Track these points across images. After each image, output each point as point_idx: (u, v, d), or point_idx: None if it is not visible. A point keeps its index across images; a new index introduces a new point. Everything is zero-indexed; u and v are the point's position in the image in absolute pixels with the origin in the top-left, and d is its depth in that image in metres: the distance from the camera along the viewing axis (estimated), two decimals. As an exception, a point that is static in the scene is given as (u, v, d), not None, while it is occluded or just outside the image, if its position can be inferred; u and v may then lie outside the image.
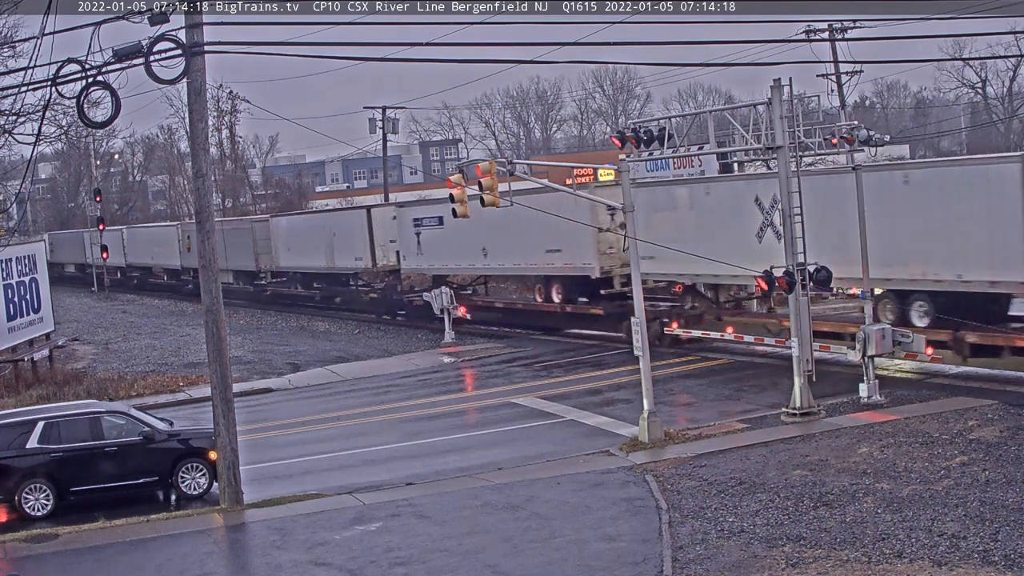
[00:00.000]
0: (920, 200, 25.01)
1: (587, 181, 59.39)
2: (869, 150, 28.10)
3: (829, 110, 49.99)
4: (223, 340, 20.34)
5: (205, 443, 21.16)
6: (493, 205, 22.90)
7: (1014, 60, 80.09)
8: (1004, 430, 20.40)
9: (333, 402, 30.74)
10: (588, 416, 25.58)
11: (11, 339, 34.49)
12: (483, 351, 37.19)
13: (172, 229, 67.58)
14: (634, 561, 15.29)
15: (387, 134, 65.01)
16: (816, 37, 52.31)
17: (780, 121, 23.15)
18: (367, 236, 46.66)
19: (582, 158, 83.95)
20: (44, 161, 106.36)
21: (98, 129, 39.23)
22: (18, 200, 52.02)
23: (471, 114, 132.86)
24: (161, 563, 17.02)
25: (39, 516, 20.35)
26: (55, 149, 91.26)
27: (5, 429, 20.78)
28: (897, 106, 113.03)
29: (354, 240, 47.48)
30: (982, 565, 13.96)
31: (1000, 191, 23.44)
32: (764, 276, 23.30)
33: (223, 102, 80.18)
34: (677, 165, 43.30)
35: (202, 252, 20.35)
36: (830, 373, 26.50)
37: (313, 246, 50.61)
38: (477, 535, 17.13)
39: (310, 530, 17.99)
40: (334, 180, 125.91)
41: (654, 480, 19.36)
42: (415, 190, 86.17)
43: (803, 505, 17.03)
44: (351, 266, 48.19)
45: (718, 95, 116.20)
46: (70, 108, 29.05)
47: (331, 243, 49.35)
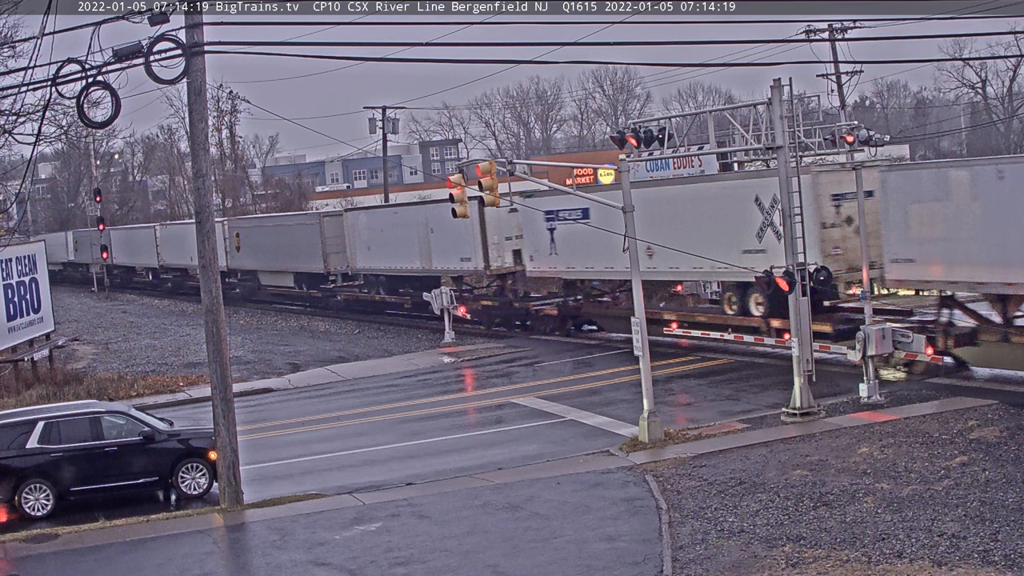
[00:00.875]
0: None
1: (587, 181, 59.44)
2: (869, 150, 28.09)
3: (829, 110, 50.01)
4: (223, 340, 20.33)
5: (205, 443, 21.15)
6: (493, 205, 22.92)
7: (1014, 60, 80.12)
8: (1004, 430, 20.41)
9: (333, 402, 30.74)
10: (588, 416, 25.57)
11: (11, 339, 34.48)
12: (483, 351, 37.18)
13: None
14: (634, 561, 15.30)
15: (387, 134, 65.00)
16: (816, 37, 52.32)
17: (780, 121, 23.16)
18: (478, 232, 39.93)
19: (582, 158, 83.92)
20: (44, 161, 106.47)
21: (98, 129, 39.15)
22: (18, 200, 51.96)
23: (471, 114, 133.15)
24: (161, 563, 17.02)
25: (39, 516, 20.34)
26: (55, 149, 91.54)
27: (5, 429, 20.77)
28: (897, 106, 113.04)
29: (460, 237, 40.57)
30: (982, 565, 13.96)
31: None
32: (764, 276, 23.32)
33: (223, 102, 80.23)
34: (677, 165, 43.33)
35: (202, 252, 20.35)
36: (830, 373, 26.52)
37: (402, 244, 44.54)
38: (477, 535, 17.13)
39: (310, 530, 17.99)
40: (334, 180, 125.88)
41: (654, 480, 19.36)
42: (415, 190, 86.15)
43: (803, 505, 17.03)
44: (456, 268, 42.23)
45: (718, 95, 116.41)
46: (70, 108, 29.12)
47: (427, 241, 43.32)
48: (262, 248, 55.71)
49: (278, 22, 21.22)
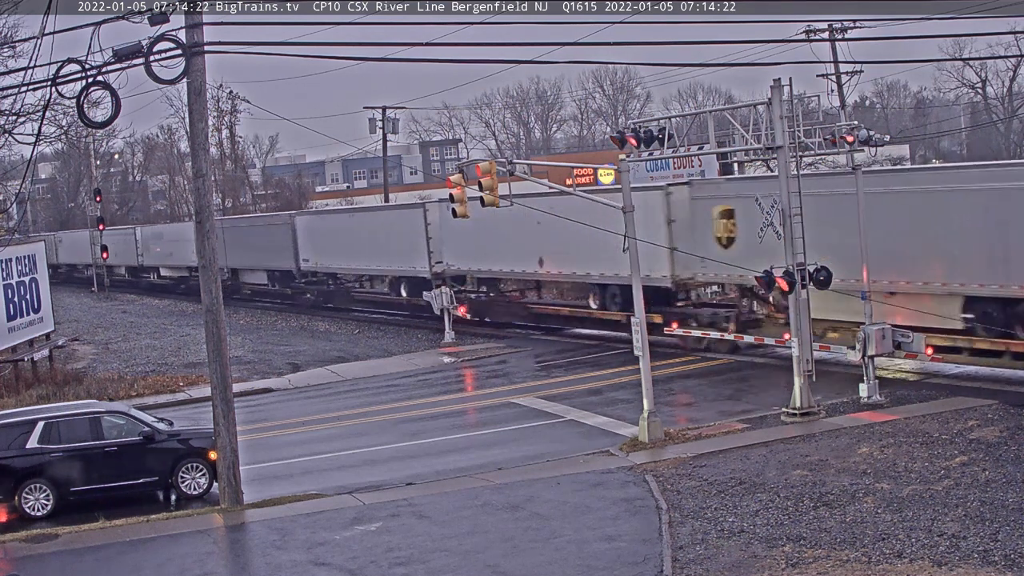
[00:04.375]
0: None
1: (587, 182, 59.47)
2: (869, 150, 28.09)
3: (829, 110, 49.95)
4: (223, 340, 20.33)
5: (205, 443, 21.16)
6: (493, 205, 22.93)
7: (1014, 60, 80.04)
8: (1004, 430, 20.41)
9: (333, 402, 30.74)
10: (588, 416, 25.57)
11: (11, 339, 34.47)
12: (483, 351, 37.18)
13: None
14: (634, 561, 15.29)
15: (387, 134, 64.93)
16: (816, 37, 52.26)
17: (780, 121, 23.15)
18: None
19: (582, 158, 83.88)
20: (44, 161, 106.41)
21: (98, 129, 39.19)
22: (18, 200, 51.95)
23: (471, 114, 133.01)
24: (161, 563, 17.02)
25: (39, 516, 20.35)
26: (55, 149, 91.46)
27: (5, 429, 20.78)
28: (897, 106, 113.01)
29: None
30: (982, 565, 13.96)
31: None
32: (764, 276, 23.32)
33: (223, 102, 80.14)
34: (677, 165, 43.34)
35: (202, 252, 20.35)
36: (830, 373, 26.52)
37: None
38: (477, 535, 17.13)
39: (310, 530, 17.99)
40: (334, 180, 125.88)
41: (654, 480, 19.36)
42: (415, 190, 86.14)
43: (803, 505, 17.03)
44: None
45: (718, 95, 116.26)
46: (70, 108, 29.10)
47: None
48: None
49: (278, 22, 21.21)
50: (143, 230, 73.06)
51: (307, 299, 54.26)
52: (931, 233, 25.16)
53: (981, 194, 24.18)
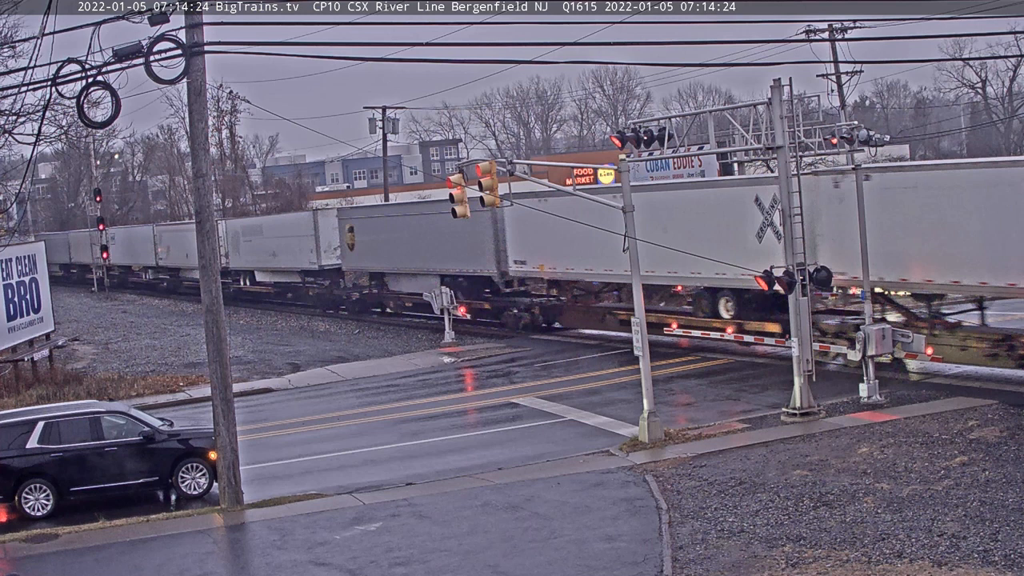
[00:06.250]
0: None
1: (587, 181, 59.47)
2: (869, 150, 28.09)
3: (829, 110, 49.93)
4: (223, 340, 20.33)
5: (205, 443, 21.16)
6: (493, 205, 22.93)
7: (1014, 60, 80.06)
8: (1004, 430, 20.41)
9: (333, 402, 30.74)
10: (588, 416, 25.58)
11: (11, 339, 34.46)
12: (483, 351, 37.18)
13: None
14: (634, 561, 15.30)
15: (387, 134, 64.92)
16: (816, 37, 52.29)
17: (780, 121, 23.15)
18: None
19: (582, 158, 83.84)
20: (44, 161, 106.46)
21: (98, 129, 39.09)
22: (18, 200, 51.96)
23: (471, 114, 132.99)
24: (161, 563, 17.02)
25: (39, 516, 20.35)
26: (55, 149, 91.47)
27: (5, 429, 20.78)
28: (897, 106, 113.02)
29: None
30: (982, 565, 13.96)
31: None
32: (764, 276, 23.31)
33: (223, 102, 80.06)
34: (677, 165, 43.36)
35: (202, 252, 20.36)
36: (830, 373, 26.52)
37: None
38: (477, 535, 17.13)
39: (310, 530, 17.99)
40: (334, 180, 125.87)
41: (654, 480, 19.36)
42: (415, 190, 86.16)
43: (803, 505, 17.03)
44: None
45: (718, 95, 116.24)
46: (70, 108, 29.09)
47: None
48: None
49: (278, 22, 21.24)
50: (228, 224, 60.04)
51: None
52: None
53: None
